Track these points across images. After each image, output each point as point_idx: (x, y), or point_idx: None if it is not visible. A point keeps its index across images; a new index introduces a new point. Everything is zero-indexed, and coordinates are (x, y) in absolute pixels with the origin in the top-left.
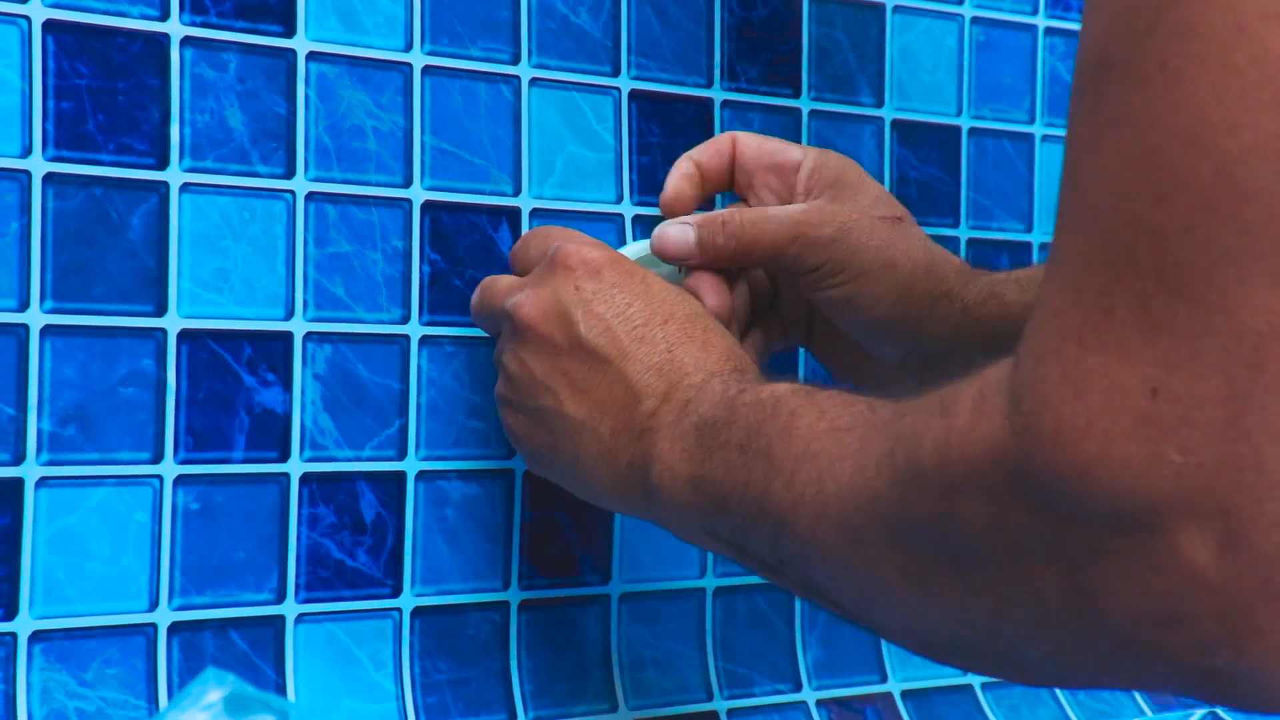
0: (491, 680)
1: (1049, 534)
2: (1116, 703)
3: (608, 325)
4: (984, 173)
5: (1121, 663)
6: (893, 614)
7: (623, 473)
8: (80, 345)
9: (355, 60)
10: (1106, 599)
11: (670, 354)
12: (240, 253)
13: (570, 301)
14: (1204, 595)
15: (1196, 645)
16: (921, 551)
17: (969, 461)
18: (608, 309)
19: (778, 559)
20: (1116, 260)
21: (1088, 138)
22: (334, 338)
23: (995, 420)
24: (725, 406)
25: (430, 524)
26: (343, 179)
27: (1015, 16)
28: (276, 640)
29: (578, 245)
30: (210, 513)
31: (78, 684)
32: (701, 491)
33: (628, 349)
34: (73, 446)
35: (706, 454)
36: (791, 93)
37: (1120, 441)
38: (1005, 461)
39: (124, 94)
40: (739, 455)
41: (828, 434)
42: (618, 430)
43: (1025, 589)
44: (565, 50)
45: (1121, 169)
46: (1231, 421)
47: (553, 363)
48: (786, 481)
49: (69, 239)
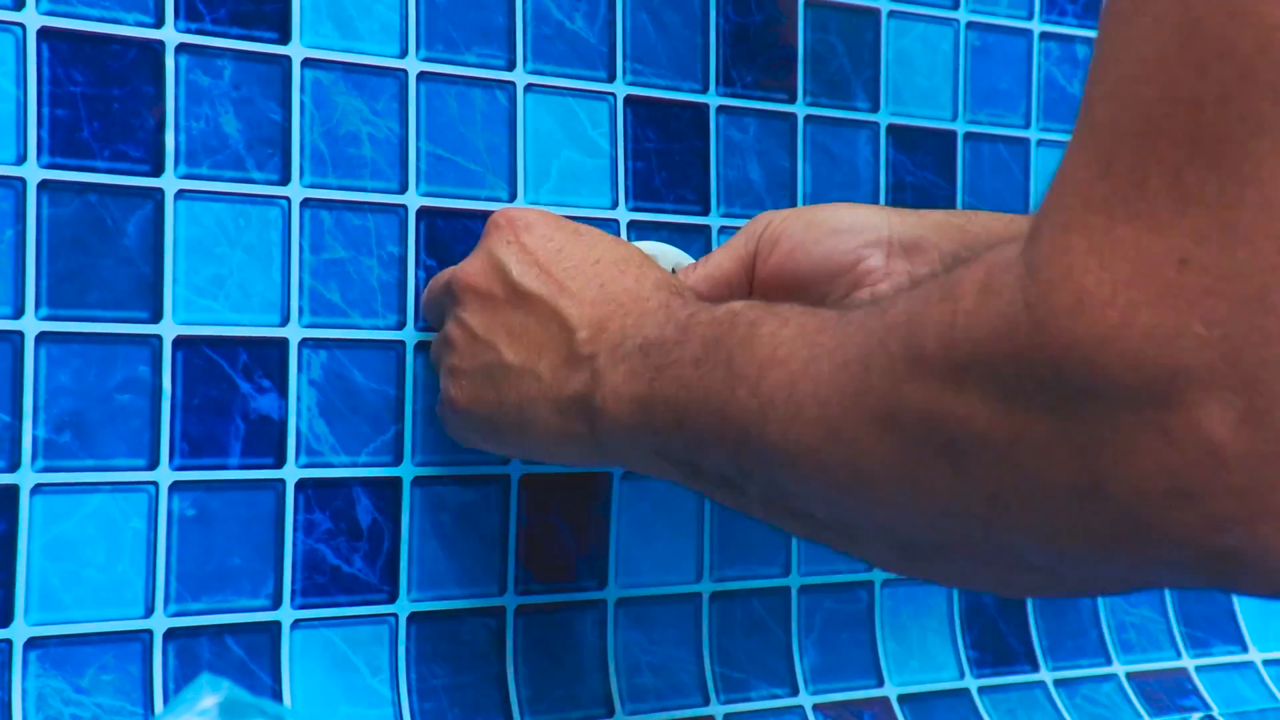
0: (488, 685)
1: (1058, 411)
2: (1114, 706)
3: (541, 267)
4: (980, 177)
5: (1124, 546)
6: (873, 513)
7: (565, 407)
8: (76, 352)
9: (350, 67)
10: (1115, 477)
11: (603, 289)
12: (235, 259)
13: (504, 254)
14: (1220, 470)
15: (1209, 522)
16: (913, 441)
17: (975, 342)
18: (541, 254)
19: (740, 471)
20: (1150, 131)
21: (1127, 9)
22: (329, 344)
23: (1005, 297)
24: (675, 327)
25: (426, 529)
26: (338, 185)
27: (1011, 21)
28: (273, 646)
29: (509, 207)
30: (206, 519)
31: (73, 690)
32: (650, 411)
33: (563, 285)
34: (68, 453)
35: (655, 373)
36: (787, 98)
37: (1145, 311)
38: (1017, 337)
39: (119, 101)
40: (694, 370)
41: (796, 338)
42: (556, 365)
43: (1026, 472)
44: (561, 56)
45: (1161, 38)
46: (1260, 295)
47: (491, 316)
48: (752, 388)
49: (64, 246)
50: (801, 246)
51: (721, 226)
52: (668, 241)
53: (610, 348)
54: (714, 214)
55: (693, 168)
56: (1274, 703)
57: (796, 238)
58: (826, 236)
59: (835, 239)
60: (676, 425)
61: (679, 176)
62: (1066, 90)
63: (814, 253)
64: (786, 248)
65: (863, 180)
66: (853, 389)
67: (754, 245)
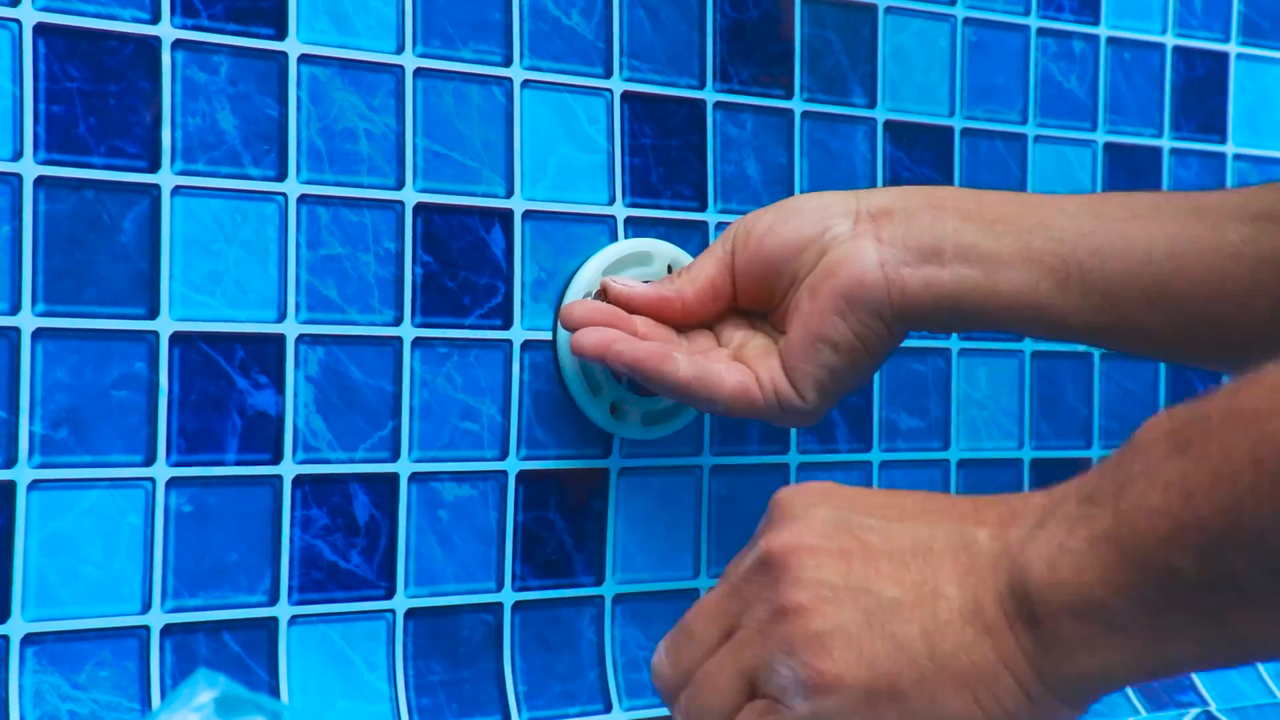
0: (486, 681)
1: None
2: (1111, 702)
3: (870, 495)
4: (977, 173)
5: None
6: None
7: (989, 615)
8: (72, 348)
9: (347, 63)
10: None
11: (962, 500)
12: (232, 255)
13: (820, 512)
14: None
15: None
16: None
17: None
18: (869, 499)
19: None
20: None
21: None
22: (326, 340)
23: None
24: (1096, 473)
25: (423, 525)
26: (335, 181)
27: (1008, 17)
28: (270, 642)
29: (784, 491)
30: (203, 515)
31: (70, 687)
32: (1123, 547)
33: (924, 510)
34: (65, 449)
35: (1105, 508)
36: (784, 94)
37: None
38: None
39: (115, 97)
40: (1160, 492)
41: (1267, 393)
42: (962, 578)
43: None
44: (557, 52)
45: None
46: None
47: (846, 565)
48: (1251, 459)
49: (60, 242)
50: (772, 229)
51: (718, 222)
52: (664, 238)
53: (1029, 527)
54: (711, 210)
55: (689, 164)
56: (1272, 699)
57: (767, 223)
58: (794, 216)
59: (802, 216)
60: (1181, 545)
61: (676, 172)
62: (1063, 86)
63: (783, 232)
64: (759, 234)
65: (860, 176)
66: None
67: (730, 244)
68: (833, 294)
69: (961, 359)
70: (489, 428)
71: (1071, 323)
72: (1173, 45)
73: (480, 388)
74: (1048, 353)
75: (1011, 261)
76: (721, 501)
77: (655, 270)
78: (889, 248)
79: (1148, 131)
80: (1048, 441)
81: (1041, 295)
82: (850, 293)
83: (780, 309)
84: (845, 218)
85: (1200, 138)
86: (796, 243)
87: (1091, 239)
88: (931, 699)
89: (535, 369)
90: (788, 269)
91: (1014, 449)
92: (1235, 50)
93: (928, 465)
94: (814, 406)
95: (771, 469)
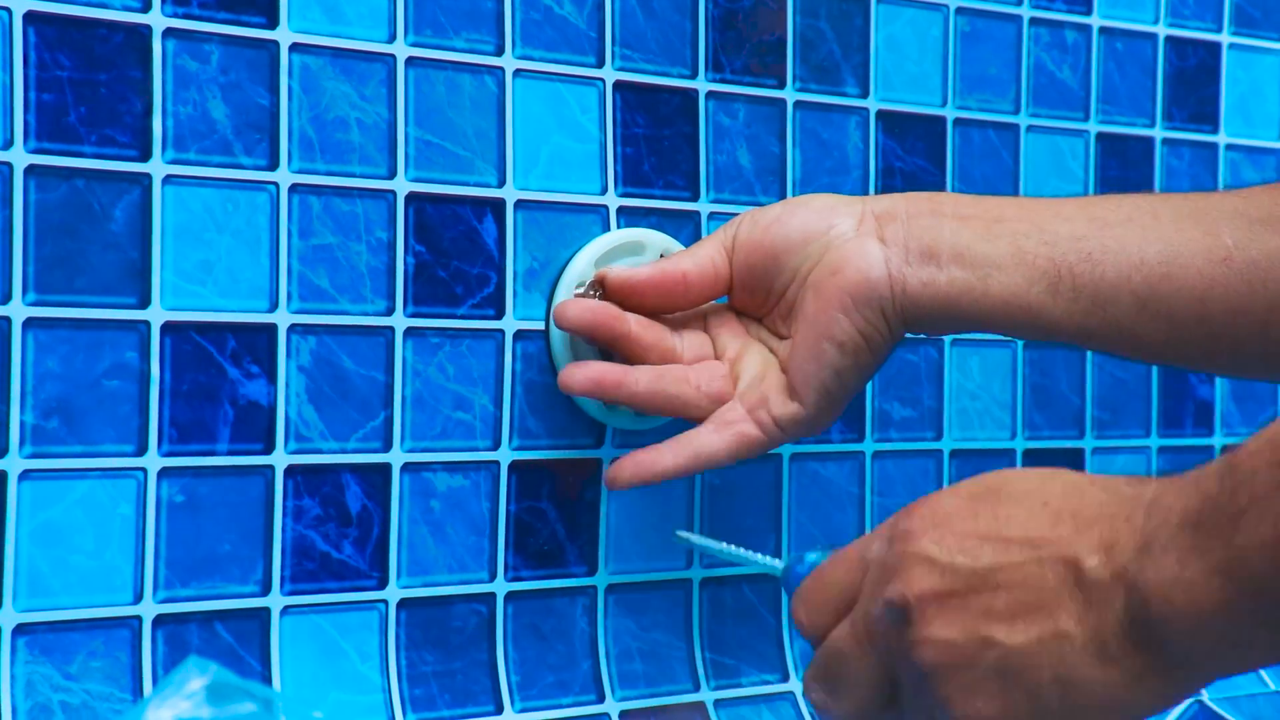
0: (478, 671)
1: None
2: None
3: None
4: (969, 163)
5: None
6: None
7: (1113, 647)
8: (63, 338)
9: (339, 52)
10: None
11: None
12: (224, 245)
13: (932, 550)
14: None
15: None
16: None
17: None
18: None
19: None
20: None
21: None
22: (318, 330)
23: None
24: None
25: (416, 515)
26: (326, 171)
27: (1000, 7)
28: (262, 632)
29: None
30: (195, 505)
31: (62, 677)
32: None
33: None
34: (56, 439)
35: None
36: (776, 83)
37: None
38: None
39: (106, 86)
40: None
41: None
42: (1081, 614)
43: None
44: (549, 41)
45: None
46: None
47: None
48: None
49: (51, 231)
50: (779, 219)
51: (711, 212)
52: (656, 228)
53: (1135, 551)
54: (703, 199)
55: (682, 153)
56: (1264, 688)
57: (774, 215)
58: (801, 210)
59: (810, 211)
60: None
61: (668, 162)
62: (1056, 76)
63: (790, 223)
64: (765, 223)
65: (852, 166)
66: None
67: (733, 231)
68: (838, 291)
69: (954, 349)
70: (481, 418)
71: (1063, 326)
72: (1165, 35)
73: (473, 378)
74: (1040, 343)
75: (1004, 264)
76: (714, 492)
77: (647, 260)
78: (891, 248)
79: (1140, 121)
80: (1040, 431)
81: (1033, 298)
82: (856, 290)
83: (775, 308)
84: (850, 217)
85: (1192, 128)
86: (801, 235)
87: (1085, 243)
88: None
89: (528, 359)
90: (789, 260)
91: (1007, 439)
92: (1227, 40)
93: (920, 455)
94: (814, 413)
95: (763, 459)
